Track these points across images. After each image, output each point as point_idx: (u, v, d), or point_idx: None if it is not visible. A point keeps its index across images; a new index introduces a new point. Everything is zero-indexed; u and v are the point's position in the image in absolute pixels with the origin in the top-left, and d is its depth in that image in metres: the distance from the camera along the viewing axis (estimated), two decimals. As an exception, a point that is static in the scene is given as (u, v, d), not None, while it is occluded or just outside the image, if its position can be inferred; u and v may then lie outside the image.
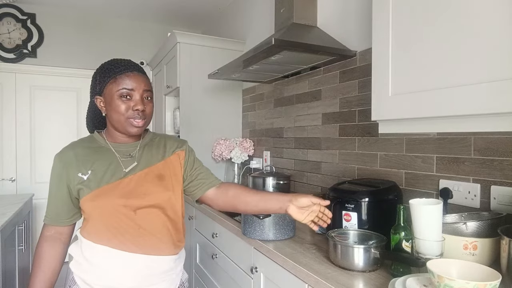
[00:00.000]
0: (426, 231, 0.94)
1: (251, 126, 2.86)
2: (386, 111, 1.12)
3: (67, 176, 1.08)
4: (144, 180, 1.10)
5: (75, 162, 1.08)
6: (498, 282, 0.70)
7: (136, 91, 1.06)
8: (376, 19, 1.15)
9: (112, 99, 1.06)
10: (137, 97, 1.06)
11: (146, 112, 1.08)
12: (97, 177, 1.07)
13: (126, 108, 1.05)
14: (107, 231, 1.05)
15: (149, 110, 1.10)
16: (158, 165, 1.14)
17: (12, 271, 2.12)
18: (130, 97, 1.06)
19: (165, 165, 1.16)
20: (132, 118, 1.06)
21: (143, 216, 1.07)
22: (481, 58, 0.85)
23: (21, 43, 3.36)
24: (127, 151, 1.14)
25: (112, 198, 1.05)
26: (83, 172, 1.07)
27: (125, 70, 1.07)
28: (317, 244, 1.35)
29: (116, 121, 1.07)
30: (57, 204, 1.10)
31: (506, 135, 1.11)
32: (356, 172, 1.72)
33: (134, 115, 1.06)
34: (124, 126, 1.07)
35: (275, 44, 1.53)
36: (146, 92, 1.09)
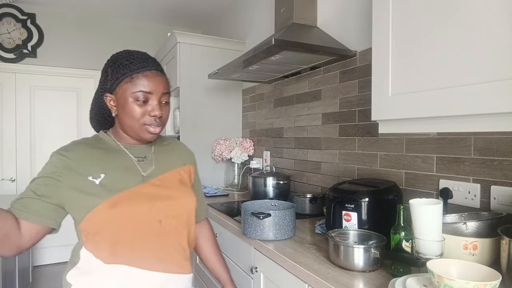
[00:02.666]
0: (426, 231, 0.94)
1: (251, 126, 2.86)
2: (386, 111, 1.12)
3: (64, 180, 0.88)
4: (167, 185, 0.99)
5: (82, 164, 0.91)
6: (498, 282, 0.70)
7: (154, 94, 0.93)
8: (376, 19, 1.15)
9: (125, 102, 0.92)
10: (155, 102, 0.93)
11: (163, 118, 0.97)
12: (114, 181, 0.91)
13: (142, 113, 0.92)
14: (127, 245, 0.89)
15: (166, 115, 0.98)
16: (179, 170, 1.06)
17: (12, 271, 2.12)
18: (146, 101, 0.92)
19: (184, 172, 1.08)
20: (148, 124, 0.94)
21: (169, 227, 0.95)
22: (481, 58, 0.85)
23: (21, 43, 3.36)
24: (141, 153, 1.01)
25: (136, 205, 0.90)
26: (94, 175, 0.90)
27: (143, 68, 0.93)
28: (317, 244, 1.35)
29: (129, 126, 0.95)
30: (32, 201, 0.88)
31: (506, 135, 1.11)
32: (356, 172, 1.72)
33: (150, 121, 0.93)
34: (137, 132, 0.95)
35: (275, 44, 1.53)
36: (165, 95, 0.96)
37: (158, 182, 0.98)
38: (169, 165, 1.04)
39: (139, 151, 1.01)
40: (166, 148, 1.10)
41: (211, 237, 1.21)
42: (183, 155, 1.12)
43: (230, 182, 2.83)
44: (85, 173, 0.90)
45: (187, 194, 1.02)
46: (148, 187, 0.95)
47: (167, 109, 0.98)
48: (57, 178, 0.89)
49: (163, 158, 1.05)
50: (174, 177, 1.03)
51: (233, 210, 1.98)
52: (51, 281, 3.09)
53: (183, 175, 1.06)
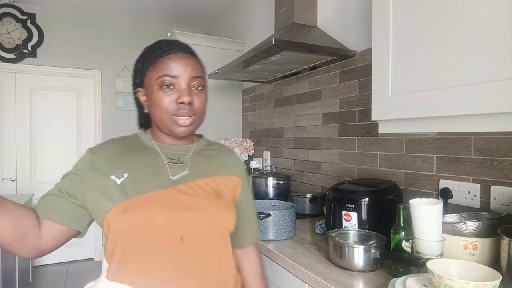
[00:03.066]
0: (426, 231, 0.94)
1: (251, 126, 2.86)
2: (386, 111, 1.12)
3: (88, 179, 0.81)
4: (198, 193, 0.83)
5: (108, 162, 0.83)
6: (498, 282, 0.70)
7: (180, 78, 0.81)
8: (376, 19, 1.15)
9: (152, 91, 0.82)
10: (183, 86, 0.81)
11: (195, 106, 0.83)
12: (135, 182, 0.80)
13: (169, 101, 0.80)
14: (134, 262, 0.74)
15: (200, 103, 0.84)
16: (218, 178, 0.88)
17: (12, 271, 2.12)
18: (173, 86, 0.81)
19: (223, 181, 0.89)
20: (176, 114, 0.81)
21: (193, 247, 0.77)
22: (481, 58, 0.85)
23: (21, 43, 3.36)
24: (175, 155, 0.88)
25: (153, 212, 0.76)
26: (118, 174, 0.80)
27: (167, 51, 0.82)
28: (317, 244, 1.35)
29: (159, 119, 0.83)
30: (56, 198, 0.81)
31: (506, 135, 1.11)
32: (356, 172, 1.72)
33: (178, 110, 0.81)
34: (167, 125, 0.82)
35: (275, 44, 1.53)
36: (195, 79, 0.83)
37: (187, 189, 0.82)
38: (206, 171, 0.88)
39: (174, 152, 0.88)
40: (209, 152, 0.94)
41: (257, 270, 0.98)
42: (230, 164, 0.95)
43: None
44: (109, 172, 0.81)
45: (222, 207, 0.84)
46: (175, 193, 0.81)
47: (202, 97, 0.85)
48: (82, 177, 0.81)
49: (201, 162, 0.90)
50: (208, 186, 0.86)
51: (233, 210, 1.98)
52: (51, 281, 3.09)
53: (222, 186, 0.88)
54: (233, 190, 0.91)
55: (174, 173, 0.84)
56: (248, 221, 0.97)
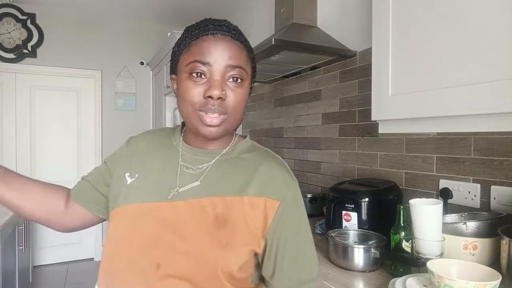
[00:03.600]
0: (426, 231, 0.94)
1: (251, 126, 2.86)
2: (386, 111, 1.12)
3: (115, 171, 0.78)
4: (195, 216, 0.66)
5: (132, 156, 0.77)
6: (498, 282, 0.70)
7: (214, 66, 0.65)
8: (376, 19, 1.15)
9: (181, 79, 0.69)
10: (215, 76, 0.65)
11: (228, 103, 0.66)
12: (141, 186, 0.71)
13: (196, 93, 0.65)
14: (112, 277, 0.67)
15: (235, 99, 0.67)
16: (227, 200, 0.67)
17: (12, 271, 2.13)
18: (205, 75, 0.66)
19: (241, 205, 0.67)
20: (203, 110, 0.65)
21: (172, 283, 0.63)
22: (481, 58, 0.85)
23: (21, 43, 3.36)
24: (195, 160, 0.72)
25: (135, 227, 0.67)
26: (132, 172, 0.74)
27: (204, 31, 0.67)
28: (317, 244, 1.34)
29: (184, 114, 0.69)
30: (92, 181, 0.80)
31: (506, 135, 1.11)
32: (356, 172, 1.72)
33: (206, 105, 0.65)
34: (192, 122, 0.68)
35: (275, 44, 1.53)
36: (233, 69, 0.66)
37: (184, 207, 0.67)
38: (219, 187, 0.69)
39: (193, 156, 0.73)
40: (241, 162, 0.73)
41: None
42: (265, 180, 0.70)
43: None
44: (127, 168, 0.75)
45: (216, 242, 0.64)
46: (169, 209, 0.67)
47: (238, 92, 0.67)
48: (110, 167, 0.79)
49: (220, 174, 0.71)
50: (211, 208, 0.67)
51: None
52: (51, 281, 3.09)
53: (237, 211, 0.67)
54: (259, 218, 0.68)
55: (183, 183, 0.70)
56: (288, 261, 0.69)
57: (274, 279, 0.69)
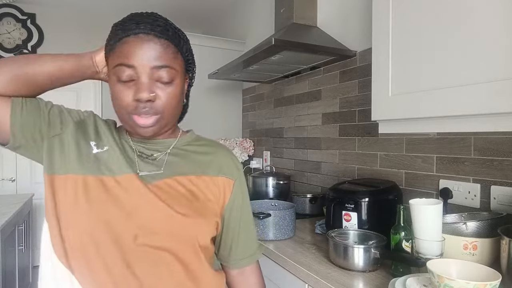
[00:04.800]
0: (426, 231, 0.94)
1: (251, 126, 2.86)
2: (386, 111, 1.12)
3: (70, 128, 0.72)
4: (168, 194, 0.70)
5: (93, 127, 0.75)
6: (498, 282, 0.70)
7: (139, 68, 0.65)
8: (376, 19, 1.15)
9: (111, 82, 0.69)
10: (142, 79, 0.65)
11: (159, 104, 0.67)
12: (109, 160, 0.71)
13: (126, 96, 0.66)
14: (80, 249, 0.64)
15: (165, 100, 0.68)
16: (192, 178, 0.74)
17: (12, 271, 2.13)
18: (133, 79, 0.66)
19: (205, 183, 0.75)
20: (135, 113, 0.67)
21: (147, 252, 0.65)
22: (481, 58, 0.85)
23: (21, 43, 3.36)
24: (149, 151, 0.75)
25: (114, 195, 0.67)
26: (98, 144, 0.72)
27: (127, 32, 0.66)
28: (317, 244, 1.35)
29: (119, 117, 0.72)
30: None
31: (506, 135, 1.11)
32: (356, 172, 1.72)
33: (137, 109, 0.66)
34: (128, 125, 0.70)
35: (275, 44, 1.53)
36: (160, 69, 0.66)
37: (154, 188, 0.70)
38: (182, 169, 0.74)
39: (146, 149, 0.75)
40: (193, 148, 0.80)
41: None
42: (220, 163, 0.79)
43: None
44: (90, 137, 0.73)
45: (195, 214, 0.70)
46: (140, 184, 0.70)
47: (169, 92, 0.68)
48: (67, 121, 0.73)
49: (180, 160, 0.76)
50: (181, 186, 0.72)
51: (233, 210, 1.98)
52: (51, 281, 3.09)
53: (203, 188, 0.74)
54: (219, 195, 0.75)
55: (144, 169, 0.72)
56: (243, 235, 0.80)
57: (231, 254, 0.80)
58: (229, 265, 0.81)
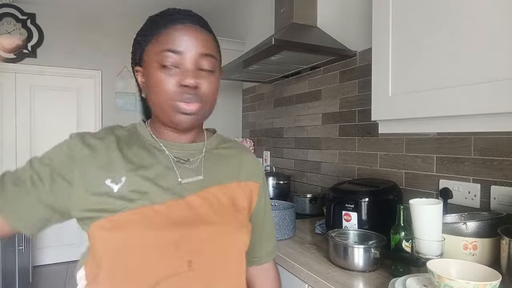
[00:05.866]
0: (426, 231, 0.94)
1: (251, 126, 2.86)
2: (386, 111, 1.12)
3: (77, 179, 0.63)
4: (213, 205, 0.68)
5: (103, 161, 0.65)
6: (498, 282, 0.70)
7: (187, 55, 0.64)
8: (376, 19, 1.15)
9: (150, 70, 0.66)
10: (188, 65, 0.64)
11: (203, 91, 0.65)
12: (135, 190, 0.63)
13: (170, 83, 0.63)
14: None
15: (209, 88, 0.66)
16: (233, 185, 0.73)
17: (12, 271, 2.13)
18: (177, 65, 0.64)
19: (242, 190, 0.74)
20: (179, 99, 0.64)
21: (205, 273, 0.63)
22: (481, 58, 0.85)
23: (21, 43, 3.36)
24: (183, 155, 0.71)
25: (154, 231, 0.61)
26: (115, 178, 0.63)
27: (173, 21, 0.66)
28: (317, 244, 1.35)
29: (158, 106, 0.66)
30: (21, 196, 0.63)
31: (506, 135, 1.11)
32: (356, 172, 1.72)
33: (181, 95, 0.64)
34: (167, 113, 0.65)
35: (275, 44, 1.53)
36: (206, 58, 0.66)
37: (199, 200, 0.66)
38: (221, 176, 0.72)
39: (180, 151, 0.71)
40: (224, 152, 0.77)
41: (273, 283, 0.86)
42: (247, 166, 0.78)
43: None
44: (106, 174, 0.64)
45: (239, 225, 0.70)
46: (184, 204, 0.65)
47: (212, 81, 0.67)
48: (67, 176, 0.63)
49: (215, 165, 0.73)
50: (225, 196, 0.70)
51: (233, 210, 1.98)
52: (51, 281, 3.09)
53: (239, 195, 0.73)
54: (249, 199, 0.75)
55: (185, 176, 0.68)
56: (265, 234, 0.82)
57: (253, 253, 0.79)
58: (249, 263, 0.79)
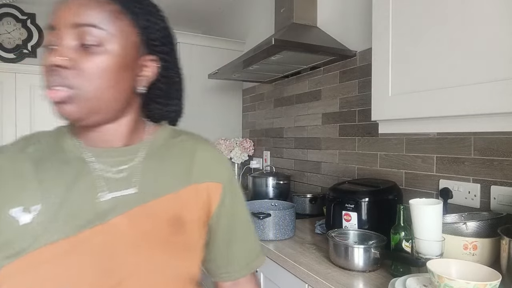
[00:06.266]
0: (426, 231, 0.94)
1: (251, 126, 2.86)
2: (386, 111, 1.12)
3: None
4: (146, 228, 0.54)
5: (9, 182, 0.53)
6: (498, 282, 0.70)
7: (60, 29, 0.51)
8: (376, 19, 1.15)
9: None
10: (60, 41, 0.51)
11: (73, 73, 0.50)
12: (48, 220, 0.51)
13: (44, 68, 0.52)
14: None
15: (85, 68, 0.50)
16: (181, 194, 0.59)
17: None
18: (53, 44, 0.51)
19: (191, 195, 0.60)
20: (47, 86, 0.51)
21: None
22: (481, 58, 0.85)
23: (21, 43, 3.36)
24: (112, 163, 0.57)
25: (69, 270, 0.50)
26: (26, 205, 0.51)
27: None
28: (317, 244, 1.35)
29: None
30: None
31: (506, 135, 1.11)
32: (356, 172, 1.72)
33: (47, 78, 0.51)
34: None
35: (275, 44, 1.53)
36: (82, 28, 0.50)
37: (126, 221, 0.53)
38: (164, 184, 0.58)
39: (108, 158, 0.57)
40: (173, 150, 0.63)
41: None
42: (202, 164, 0.63)
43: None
44: (8, 201, 0.51)
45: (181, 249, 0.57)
46: (105, 231, 0.52)
47: (94, 61, 0.51)
48: None
49: (158, 170, 0.59)
50: (165, 212, 0.56)
51: (233, 210, 1.98)
52: None
53: (189, 205, 0.59)
54: (206, 204, 0.62)
55: (111, 191, 0.54)
56: (235, 244, 0.67)
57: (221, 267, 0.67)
58: (218, 278, 0.68)
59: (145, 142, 0.61)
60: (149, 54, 0.59)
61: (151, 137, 0.63)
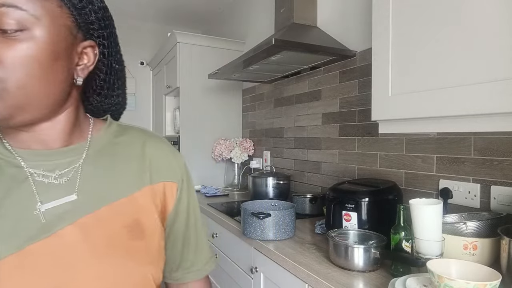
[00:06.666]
0: (426, 231, 0.94)
1: (251, 126, 2.86)
2: (386, 111, 1.12)
3: None
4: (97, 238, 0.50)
5: None
6: (498, 282, 0.70)
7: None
8: (376, 19, 1.15)
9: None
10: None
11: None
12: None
13: None
14: None
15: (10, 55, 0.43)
16: (131, 200, 0.54)
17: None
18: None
19: (145, 196, 0.56)
20: None
21: None
22: (481, 58, 0.85)
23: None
24: (49, 167, 0.51)
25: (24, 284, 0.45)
26: None
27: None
28: (317, 244, 1.35)
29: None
30: None
31: (506, 135, 1.11)
32: (356, 172, 1.72)
33: None
34: None
35: (275, 44, 1.53)
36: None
37: (76, 232, 0.49)
38: (112, 186, 0.54)
39: (45, 161, 0.51)
40: (120, 149, 0.58)
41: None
42: (156, 162, 0.59)
43: (230, 182, 2.83)
44: None
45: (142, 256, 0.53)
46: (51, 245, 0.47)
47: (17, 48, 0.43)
48: None
49: (103, 171, 0.54)
50: (117, 217, 0.52)
51: (233, 210, 1.98)
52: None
53: (144, 208, 0.55)
54: (162, 204, 0.58)
55: (50, 199, 0.49)
56: (189, 247, 0.64)
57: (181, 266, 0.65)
58: (170, 280, 0.66)
59: (88, 141, 0.55)
60: (86, 39, 0.52)
61: (96, 135, 0.57)
